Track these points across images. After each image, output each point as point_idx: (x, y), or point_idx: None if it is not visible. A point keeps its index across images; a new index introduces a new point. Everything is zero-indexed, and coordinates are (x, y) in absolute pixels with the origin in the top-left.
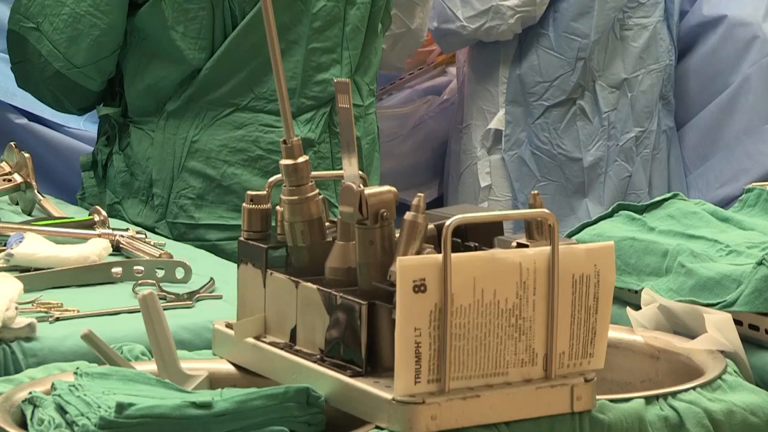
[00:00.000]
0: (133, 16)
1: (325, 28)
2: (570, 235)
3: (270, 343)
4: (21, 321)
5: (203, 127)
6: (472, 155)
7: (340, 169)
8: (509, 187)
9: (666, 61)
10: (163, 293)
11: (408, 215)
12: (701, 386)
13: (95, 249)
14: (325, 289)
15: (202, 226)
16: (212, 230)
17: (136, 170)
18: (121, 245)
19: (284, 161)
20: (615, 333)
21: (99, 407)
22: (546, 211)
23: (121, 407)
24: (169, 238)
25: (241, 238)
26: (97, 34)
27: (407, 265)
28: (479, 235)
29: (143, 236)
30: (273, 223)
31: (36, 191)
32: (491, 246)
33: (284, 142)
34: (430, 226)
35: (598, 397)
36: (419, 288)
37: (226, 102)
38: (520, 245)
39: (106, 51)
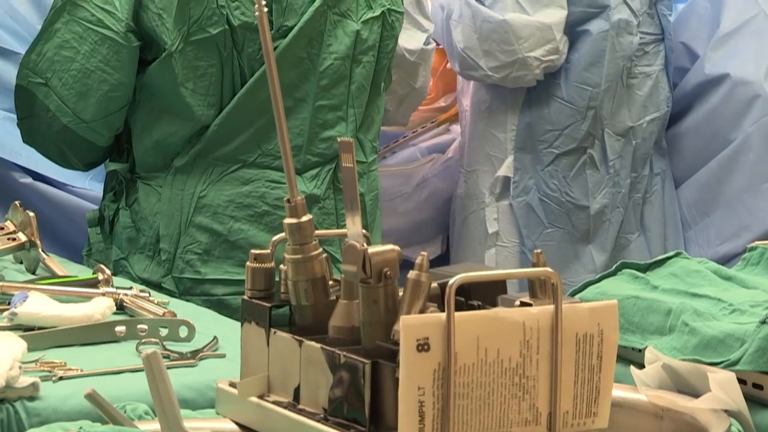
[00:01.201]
0: (143, 73)
1: (331, 86)
2: (573, 294)
3: (273, 402)
4: (24, 380)
5: (210, 182)
6: (478, 200)
7: (345, 225)
8: (517, 233)
9: (665, 108)
10: (167, 352)
11: (411, 274)
12: None
13: (99, 308)
14: (328, 348)
15: (209, 281)
16: (218, 285)
17: (143, 226)
18: (124, 304)
19: (288, 220)
20: (619, 392)
21: None
22: (549, 270)
23: None
24: (175, 293)
25: (245, 297)
26: (107, 89)
27: (411, 324)
28: (482, 294)
29: (147, 294)
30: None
31: (40, 250)
32: (494, 304)
33: (288, 200)
34: (434, 284)
35: None
36: (423, 347)
37: (234, 158)
38: (523, 304)
39: (116, 106)
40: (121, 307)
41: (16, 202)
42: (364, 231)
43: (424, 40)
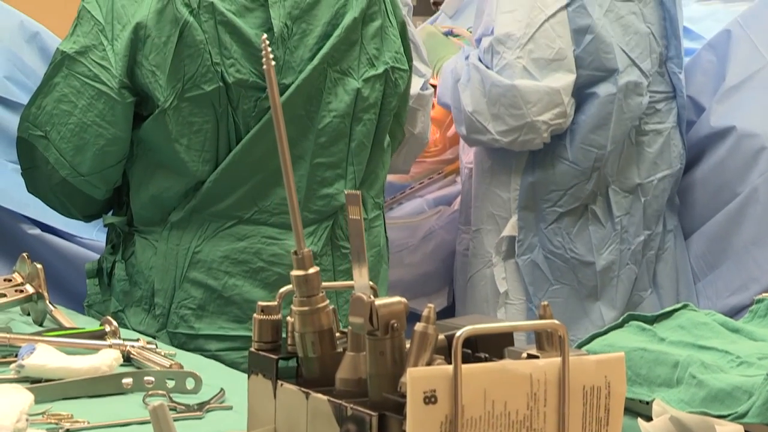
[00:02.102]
0: (139, 128)
1: (330, 143)
2: (580, 346)
3: None
4: None
5: (206, 238)
6: (484, 259)
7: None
8: (523, 290)
9: (678, 165)
10: (174, 404)
11: (418, 326)
12: None
13: (106, 359)
14: (335, 400)
15: (202, 337)
16: (212, 341)
17: (140, 279)
18: (131, 355)
19: (295, 272)
20: None
21: None
22: (556, 322)
23: None
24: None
25: (252, 349)
26: (103, 143)
27: (418, 377)
28: (490, 346)
29: (154, 346)
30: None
31: (47, 302)
32: (502, 357)
33: (295, 252)
34: (441, 336)
35: None
36: (430, 399)
37: (230, 214)
38: (530, 356)
39: (112, 161)
40: (128, 359)
41: (24, 254)
42: (371, 283)
43: (421, 85)
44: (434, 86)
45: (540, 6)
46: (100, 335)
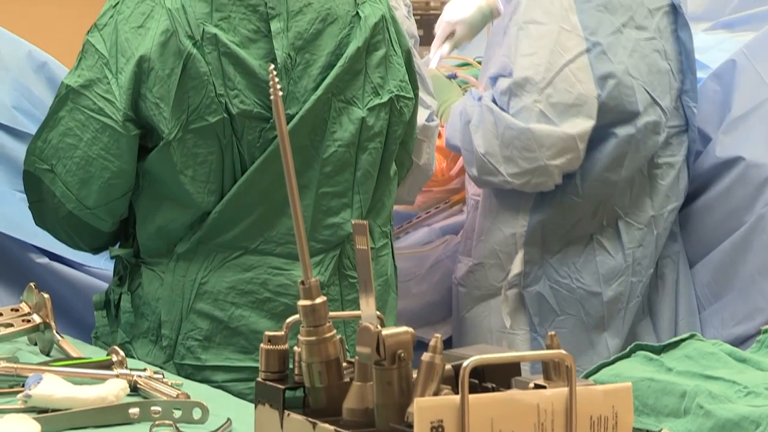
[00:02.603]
0: (144, 160)
1: (335, 173)
2: (587, 376)
3: None
4: None
5: (212, 269)
6: (487, 293)
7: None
8: (526, 321)
9: (683, 198)
10: None
11: (425, 356)
12: None
13: (113, 389)
14: (342, 430)
15: (209, 368)
16: (219, 372)
17: (146, 311)
18: (138, 385)
19: (302, 302)
20: None
21: None
22: (563, 352)
23: None
24: None
25: (259, 379)
26: (108, 176)
27: (425, 407)
28: (497, 376)
29: (161, 376)
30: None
31: (55, 332)
32: (509, 387)
33: (302, 282)
34: (448, 366)
35: None
36: (437, 429)
37: (236, 245)
38: (537, 386)
39: (117, 193)
40: (134, 389)
41: (32, 284)
42: (377, 312)
43: (427, 116)
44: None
45: (560, 50)
46: (107, 365)
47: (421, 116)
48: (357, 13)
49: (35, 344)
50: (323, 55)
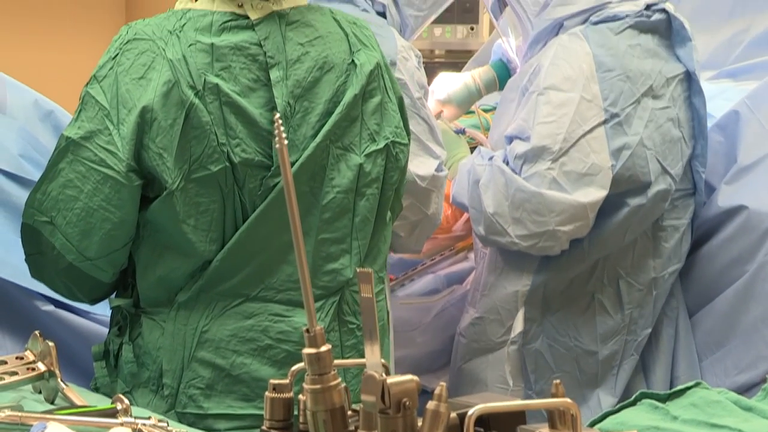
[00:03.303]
0: (146, 210)
1: (334, 219)
2: (593, 424)
3: None
4: None
5: (213, 317)
6: (486, 346)
7: (350, 357)
8: (523, 377)
9: (684, 259)
10: None
11: (430, 404)
12: None
13: None
14: None
15: (211, 416)
16: (221, 420)
17: (147, 360)
18: None
19: (307, 350)
20: None
21: None
22: (569, 400)
23: None
24: None
25: (263, 427)
26: (109, 227)
27: None
28: (501, 425)
29: (165, 424)
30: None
31: (59, 380)
32: None
33: (307, 331)
34: (453, 414)
35: None
36: None
37: (237, 292)
38: None
39: (118, 244)
40: None
41: (37, 332)
42: (382, 361)
43: (436, 166)
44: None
45: (579, 120)
46: (112, 413)
47: (431, 166)
48: (353, 60)
49: (40, 392)
50: (321, 102)
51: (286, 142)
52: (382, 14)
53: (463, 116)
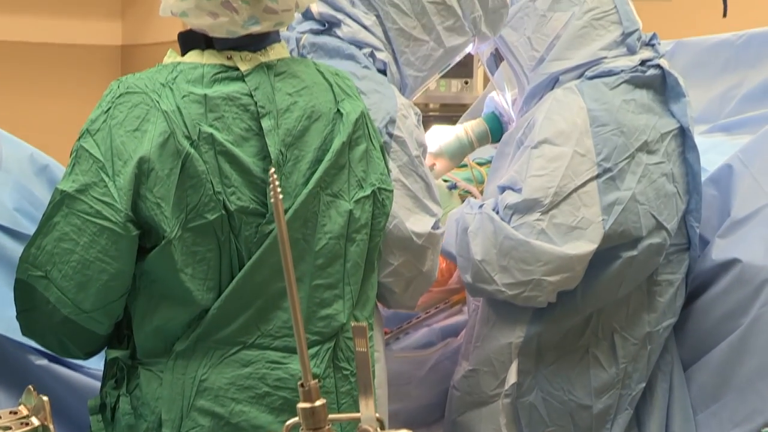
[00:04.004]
0: (142, 260)
1: (327, 264)
2: None
3: None
4: None
5: (211, 365)
6: (480, 400)
7: (345, 403)
8: (517, 431)
9: (678, 314)
10: None
11: None
12: None
13: None
14: None
15: None
16: None
17: (145, 411)
18: None
19: (301, 404)
20: None
21: None
22: None
23: None
24: None
25: None
26: (106, 279)
27: None
28: None
29: None
30: None
31: None
32: None
33: (302, 385)
34: None
35: None
36: None
37: (234, 340)
38: None
39: (115, 295)
40: None
41: (30, 387)
42: (377, 415)
43: (432, 224)
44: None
45: (571, 174)
46: None
47: (427, 224)
48: (338, 110)
49: None
50: (311, 150)
51: (281, 197)
52: (383, 72)
53: (457, 169)
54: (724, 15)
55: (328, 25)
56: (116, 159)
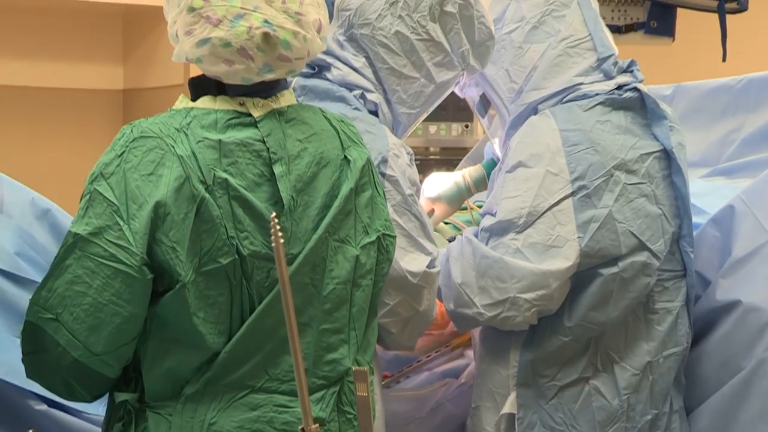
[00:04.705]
0: (154, 304)
1: (334, 309)
2: None
3: None
4: None
5: (220, 409)
6: None
7: None
8: None
9: (684, 344)
10: None
11: None
12: None
13: None
14: None
15: None
16: None
17: None
18: None
19: None
20: None
21: None
22: None
23: None
24: None
25: None
26: (119, 321)
27: None
28: None
29: None
30: None
31: None
32: None
33: (302, 429)
34: None
35: None
36: None
37: (243, 384)
38: None
39: (127, 338)
40: None
41: (30, 431)
42: None
43: (428, 263)
44: None
45: (544, 194)
46: None
47: (422, 263)
48: (345, 156)
49: None
50: (320, 196)
51: (282, 241)
52: (374, 113)
53: (458, 212)
54: (724, 59)
55: (318, 69)
56: (131, 203)
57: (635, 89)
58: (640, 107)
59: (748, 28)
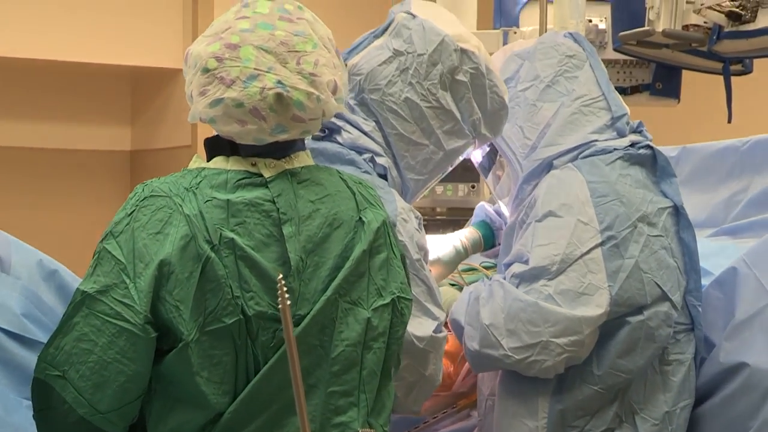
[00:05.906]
0: (159, 363)
1: (343, 371)
2: None
3: None
4: None
5: None
6: None
7: None
8: None
9: (694, 396)
10: None
11: None
12: None
13: None
14: None
15: None
16: None
17: None
18: None
19: None
20: None
21: None
22: None
23: None
24: None
25: None
26: (123, 380)
27: None
28: None
29: None
30: None
31: None
32: None
33: None
34: None
35: None
36: None
37: None
38: None
39: (131, 397)
40: None
41: None
42: None
43: (434, 327)
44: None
45: (576, 242)
46: None
47: (429, 327)
48: (360, 218)
49: None
50: (331, 257)
51: (288, 303)
52: (384, 176)
53: (466, 273)
54: (729, 120)
55: (328, 131)
56: (138, 261)
57: (648, 146)
58: (651, 164)
59: (754, 90)
